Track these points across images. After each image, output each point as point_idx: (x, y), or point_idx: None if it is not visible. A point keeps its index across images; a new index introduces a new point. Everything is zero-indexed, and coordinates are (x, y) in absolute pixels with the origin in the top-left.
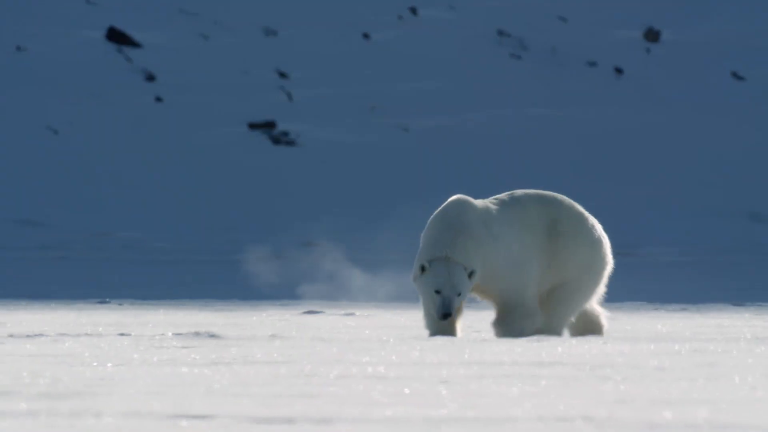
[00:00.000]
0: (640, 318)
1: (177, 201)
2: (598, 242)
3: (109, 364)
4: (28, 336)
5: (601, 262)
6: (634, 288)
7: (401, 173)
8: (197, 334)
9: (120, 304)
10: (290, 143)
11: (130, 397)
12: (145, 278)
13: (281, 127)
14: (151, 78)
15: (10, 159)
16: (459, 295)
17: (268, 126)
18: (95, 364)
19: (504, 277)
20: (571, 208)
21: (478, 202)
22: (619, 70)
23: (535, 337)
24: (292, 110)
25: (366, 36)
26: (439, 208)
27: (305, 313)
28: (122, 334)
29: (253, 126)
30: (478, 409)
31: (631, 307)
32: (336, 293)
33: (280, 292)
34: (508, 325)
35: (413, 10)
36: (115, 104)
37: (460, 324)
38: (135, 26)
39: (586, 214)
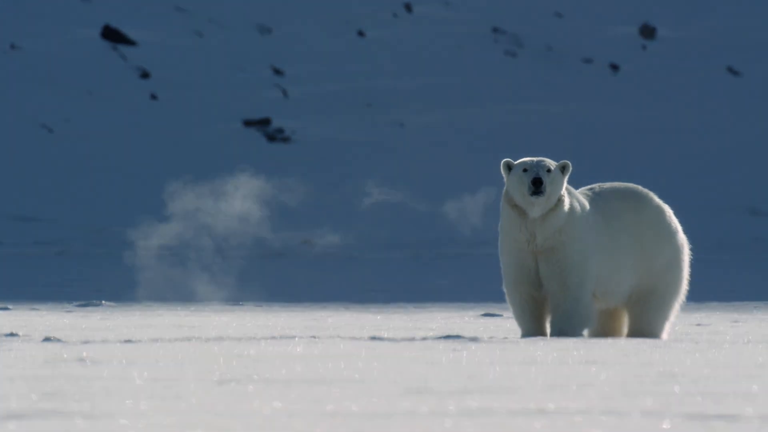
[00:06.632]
0: None
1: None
2: (677, 234)
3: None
4: (298, 337)
5: (683, 255)
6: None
7: (396, 169)
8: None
9: (310, 307)
10: (285, 140)
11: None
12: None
13: (276, 124)
14: (146, 75)
15: (6, 157)
16: (549, 172)
17: (263, 123)
18: (427, 364)
19: (571, 267)
20: (652, 201)
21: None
22: (614, 67)
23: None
24: (287, 107)
25: (361, 33)
26: None
27: (483, 315)
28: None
29: (248, 123)
30: None
31: None
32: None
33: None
34: (565, 322)
35: (408, 7)
36: (110, 102)
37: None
38: (130, 24)
39: (663, 205)
